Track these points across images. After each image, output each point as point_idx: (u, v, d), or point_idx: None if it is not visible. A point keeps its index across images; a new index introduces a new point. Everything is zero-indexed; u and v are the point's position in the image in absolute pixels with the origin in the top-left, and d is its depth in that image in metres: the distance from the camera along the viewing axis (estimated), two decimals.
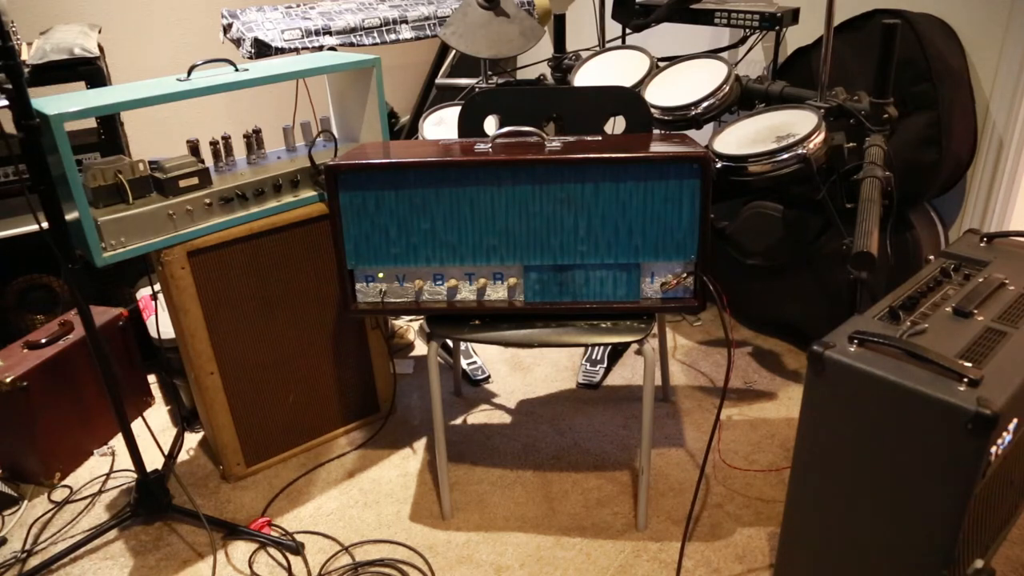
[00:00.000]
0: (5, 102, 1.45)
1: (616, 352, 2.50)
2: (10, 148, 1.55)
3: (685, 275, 1.66)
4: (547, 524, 1.83)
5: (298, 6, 2.81)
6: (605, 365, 2.41)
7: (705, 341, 2.55)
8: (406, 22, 2.64)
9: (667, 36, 3.01)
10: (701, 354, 2.48)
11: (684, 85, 2.20)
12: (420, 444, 2.15)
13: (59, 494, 2.05)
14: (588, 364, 2.42)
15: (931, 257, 1.65)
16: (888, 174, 1.71)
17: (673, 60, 2.32)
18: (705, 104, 2.10)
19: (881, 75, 1.79)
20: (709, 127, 2.30)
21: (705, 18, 2.41)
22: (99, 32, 2.57)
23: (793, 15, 2.29)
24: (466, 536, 1.81)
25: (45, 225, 1.54)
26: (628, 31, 2.70)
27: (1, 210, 2.39)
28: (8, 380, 1.94)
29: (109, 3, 2.89)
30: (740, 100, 2.20)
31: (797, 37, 2.54)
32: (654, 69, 2.33)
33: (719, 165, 1.90)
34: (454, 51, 2.82)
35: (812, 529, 1.44)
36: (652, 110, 2.13)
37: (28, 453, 2.05)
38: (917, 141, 2.10)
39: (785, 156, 1.82)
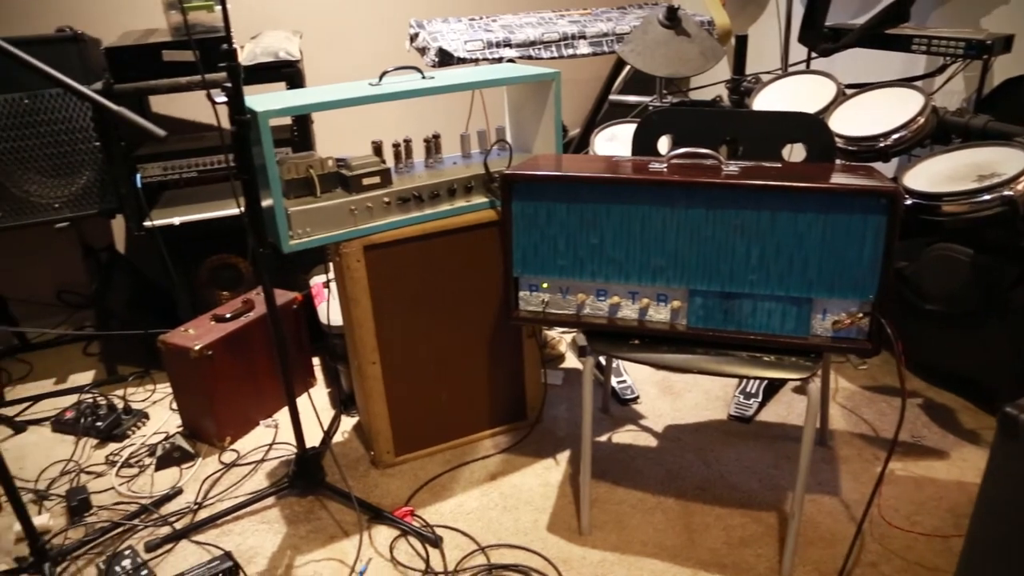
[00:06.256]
0: (224, 98, 1.59)
1: (772, 387, 2.39)
2: (223, 139, 1.71)
3: (861, 315, 1.56)
4: (685, 556, 1.78)
5: (481, 18, 2.91)
6: (760, 399, 2.32)
7: (869, 386, 2.40)
8: (584, 37, 2.67)
9: (854, 62, 2.86)
10: (864, 400, 2.33)
11: (873, 114, 2.09)
12: (563, 456, 2.15)
13: (228, 457, 2.23)
14: (742, 396, 2.34)
15: None
16: None
17: (863, 87, 2.21)
18: (896, 136, 1.98)
19: None
20: (895, 161, 2.16)
21: (902, 44, 2.28)
22: (300, 37, 2.78)
23: (1005, 43, 2.11)
24: (601, 555, 1.79)
25: (236, 211, 1.68)
26: (813, 55, 2.60)
27: (203, 195, 2.63)
28: (197, 348, 2.14)
29: (311, 12, 3.11)
30: (935, 134, 2.05)
31: (1006, 67, 2.34)
32: (840, 96, 2.22)
33: (909, 202, 1.78)
34: (628, 67, 2.82)
35: None
36: (836, 139, 2.03)
37: (206, 415, 2.24)
38: None
39: (987, 197, 1.68)
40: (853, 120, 2.10)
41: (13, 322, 2.92)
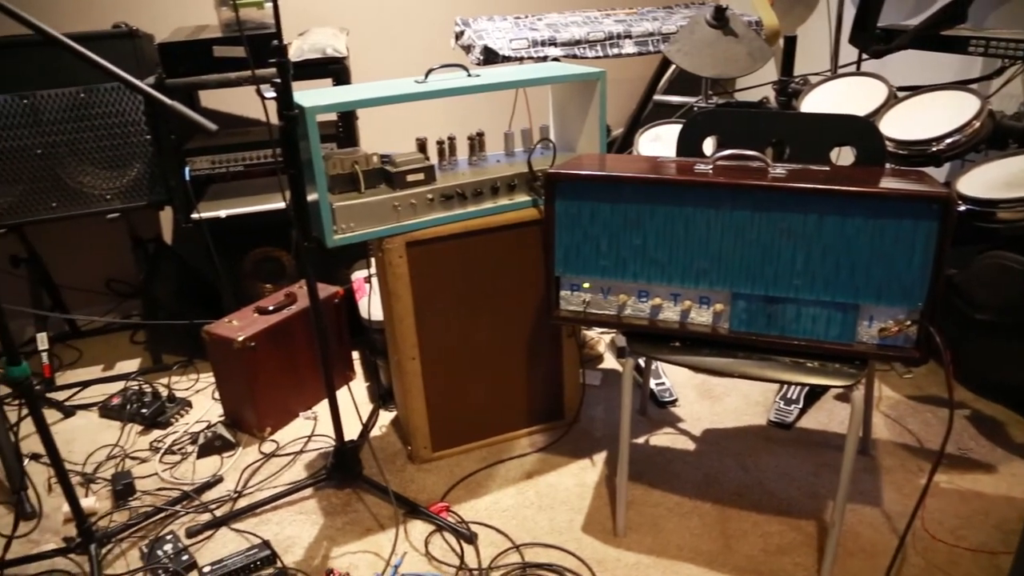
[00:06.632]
0: (273, 94, 1.61)
1: (814, 394, 2.35)
2: (271, 134, 1.74)
3: (909, 323, 1.53)
4: (721, 561, 1.76)
5: (526, 17, 2.91)
6: (800, 406, 2.28)
7: (914, 396, 2.34)
8: (630, 37, 2.65)
9: (907, 64, 2.80)
10: (909, 409, 2.28)
11: (926, 118, 2.04)
12: (600, 457, 2.14)
13: (267, 447, 2.27)
14: (782, 402, 2.30)
15: None
16: None
17: (915, 90, 2.16)
18: (949, 140, 1.93)
19: None
20: (947, 166, 2.11)
21: (958, 46, 2.21)
22: (347, 35, 2.81)
23: None
24: (636, 557, 1.78)
25: (282, 205, 1.70)
26: (864, 57, 2.54)
27: (248, 189, 2.68)
28: (240, 339, 2.17)
29: (358, 9, 3.14)
30: (990, 138, 2.00)
31: None
32: (892, 99, 2.17)
33: (963, 208, 1.74)
34: (673, 67, 2.80)
35: None
36: (886, 143, 1.99)
37: (247, 406, 2.28)
38: None
39: None
40: (905, 123, 2.06)
41: (64, 309, 3.01)
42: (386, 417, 2.38)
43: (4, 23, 1.50)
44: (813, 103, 2.31)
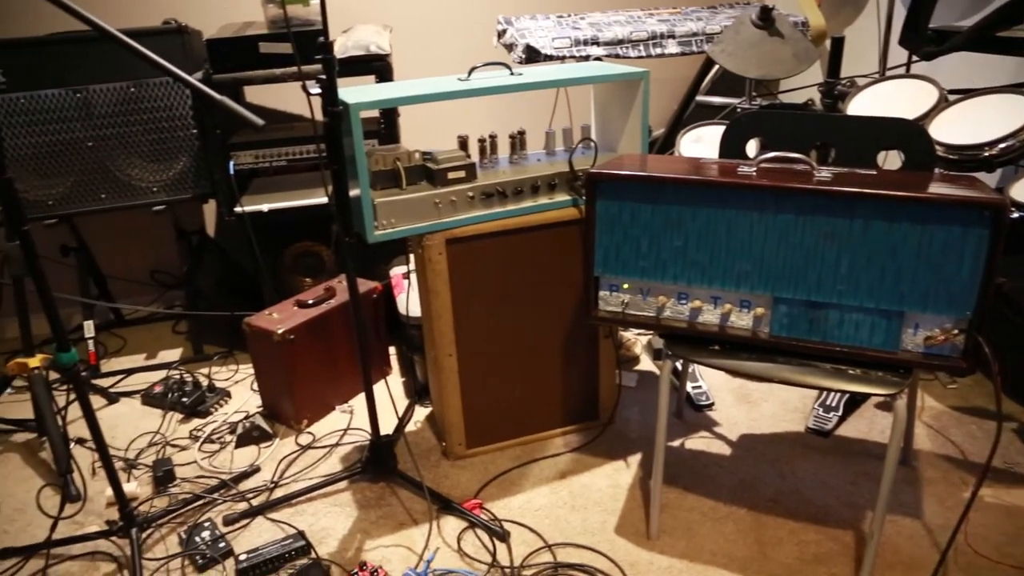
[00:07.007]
0: (318, 90, 1.63)
1: (854, 401, 2.31)
2: (316, 130, 1.76)
3: (956, 332, 1.49)
4: (756, 569, 1.74)
5: (569, 16, 2.90)
6: (840, 414, 2.24)
7: (958, 407, 2.29)
8: (673, 37, 2.63)
9: (958, 66, 2.73)
10: (952, 420, 2.23)
11: (978, 122, 1.99)
12: (634, 459, 2.13)
13: (304, 439, 2.30)
14: (821, 409, 2.27)
15: None
16: None
17: (968, 93, 2.10)
18: (1003, 145, 1.88)
19: None
20: (999, 172, 2.05)
21: (1014, 47, 2.15)
22: (390, 32, 2.83)
23: None
24: (669, 561, 1.77)
25: (323, 200, 1.72)
26: (914, 59, 2.49)
27: (290, 184, 2.71)
28: (280, 332, 2.21)
29: (401, 6, 3.16)
30: None
31: None
32: (942, 102, 2.12)
33: (1015, 215, 1.69)
34: (716, 68, 2.77)
35: None
36: (936, 147, 1.94)
37: (285, 397, 2.31)
38: None
39: None
40: (955, 127, 2.01)
41: (110, 298, 3.08)
42: (421, 413, 2.39)
43: (58, 18, 1.54)
44: (860, 106, 2.26)
